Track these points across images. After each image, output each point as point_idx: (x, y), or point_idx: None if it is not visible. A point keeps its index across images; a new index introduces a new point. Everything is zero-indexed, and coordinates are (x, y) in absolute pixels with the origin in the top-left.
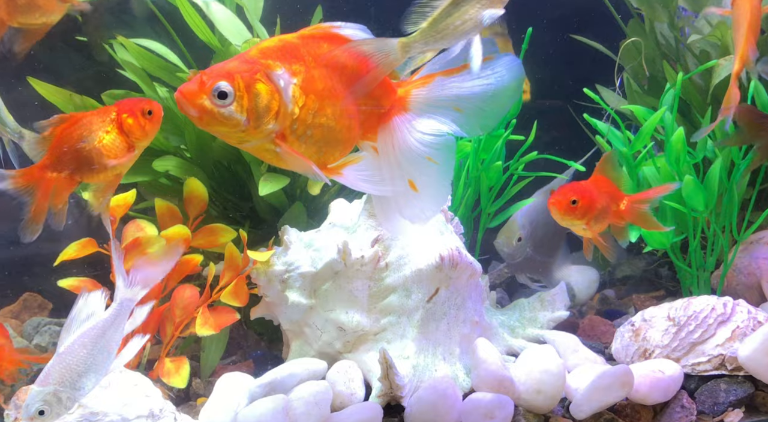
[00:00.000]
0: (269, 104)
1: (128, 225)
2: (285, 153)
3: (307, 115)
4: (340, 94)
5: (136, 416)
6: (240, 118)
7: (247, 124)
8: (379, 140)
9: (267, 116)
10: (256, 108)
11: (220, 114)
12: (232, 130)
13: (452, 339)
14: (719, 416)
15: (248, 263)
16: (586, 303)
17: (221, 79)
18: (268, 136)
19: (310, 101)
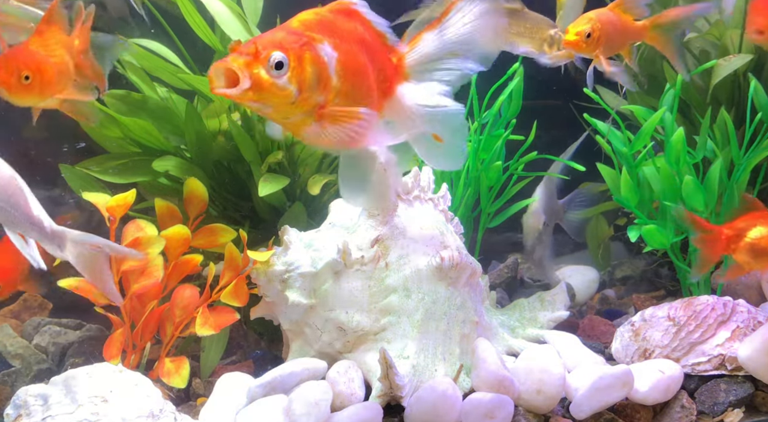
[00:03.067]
0: (319, 76)
1: (128, 225)
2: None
3: (345, 87)
4: (368, 68)
5: (136, 416)
6: (292, 90)
7: (297, 96)
8: (390, 111)
9: (317, 89)
10: (308, 80)
11: (275, 85)
12: (282, 102)
13: (452, 339)
14: (719, 416)
15: (248, 263)
16: (586, 303)
17: (277, 48)
18: (313, 108)
19: (348, 74)
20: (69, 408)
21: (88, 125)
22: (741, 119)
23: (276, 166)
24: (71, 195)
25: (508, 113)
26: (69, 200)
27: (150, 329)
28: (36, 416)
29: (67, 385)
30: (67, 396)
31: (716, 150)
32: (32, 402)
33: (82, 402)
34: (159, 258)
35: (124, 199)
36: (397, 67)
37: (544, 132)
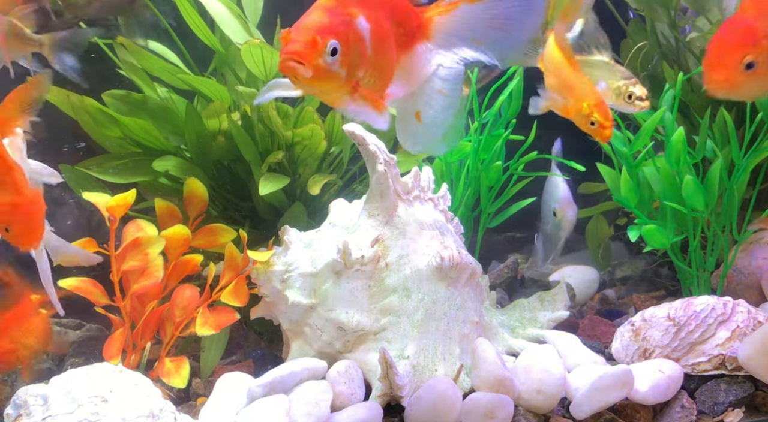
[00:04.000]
0: (361, 54)
1: (128, 225)
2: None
3: (377, 54)
4: (391, 33)
5: (136, 416)
6: (342, 73)
7: (345, 77)
8: (402, 65)
9: (359, 66)
10: (354, 61)
11: (332, 71)
12: (334, 85)
13: (452, 339)
14: (719, 416)
15: (248, 263)
16: (586, 303)
17: (332, 36)
18: (354, 83)
19: (379, 45)
20: (69, 408)
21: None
22: (741, 119)
23: (276, 165)
24: (71, 195)
25: (508, 113)
26: (69, 200)
27: (150, 329)
28: (36, 416)
29: (67, 385)
30: (67, 396)
31: (716, 150)
32: (32, 402)
33: (82, 402)
34: (159, 258)
35: (124, 199)
36: (424, 25)
37: (544, 132)
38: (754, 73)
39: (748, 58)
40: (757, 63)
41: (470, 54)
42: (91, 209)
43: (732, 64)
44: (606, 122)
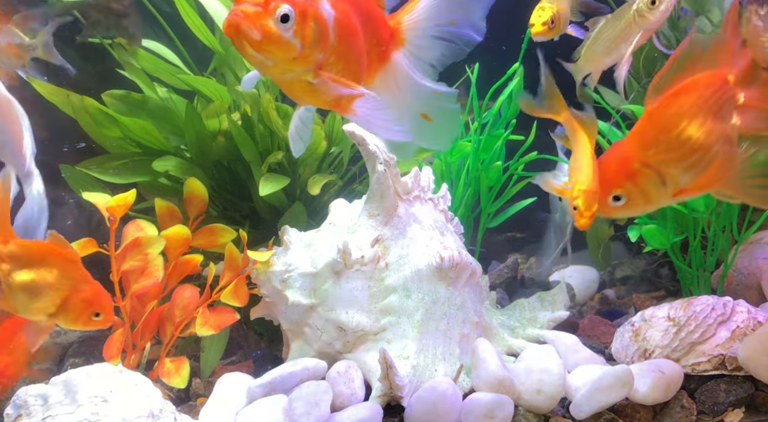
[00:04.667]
0: (321, 33)
1: (128, 225)
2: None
3: (342, 47)
4: (359, 31)
5: (136, 416)
6: (296, 44)
7: (300, 51)
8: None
9: (319, 45)
10: (311, 35)
11: (282, 37)
12: (286, 55)
13: (452, 339)
14: (719, 416)
15: (248, 263)
16: (586, 303)
17: (283, 1)
18: (313, 65)
19: (344, 34)
20: (69, 408)
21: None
22: None
23: (276, 166)
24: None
25: (508, 113)
26: (69, 200)
27: (150, 329)
28: (36, 416)
29: (67, 385)
30: (67, 396)
31: None
32: (32, 402)
33: (82, 402)
34: (159, 258)
35: (124, 199)
36: (395, 32)
37: (544, 132)
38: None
39: (614, 192)
40: (625, 196)
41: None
42: (91, 209)
43: (602, 196)
44: (585, 212)
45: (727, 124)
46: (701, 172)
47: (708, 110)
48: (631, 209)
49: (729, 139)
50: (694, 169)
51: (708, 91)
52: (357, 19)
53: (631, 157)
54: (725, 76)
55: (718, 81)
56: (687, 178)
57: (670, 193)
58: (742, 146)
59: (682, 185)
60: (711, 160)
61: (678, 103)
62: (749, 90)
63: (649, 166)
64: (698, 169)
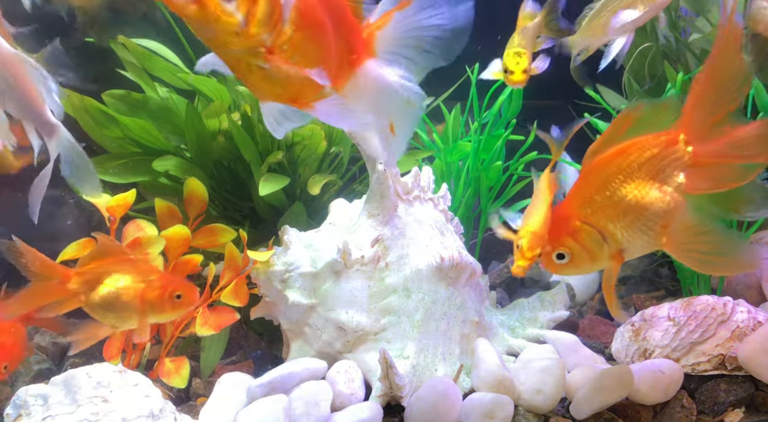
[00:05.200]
0: (270, 14)
1: (128, 225)
2: (274, 68)
3: (298, 38)
4: (326, 26)
5: (136, 416)
6: (239, 18)
7: (243, 27)
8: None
9: (265, 25)
10: (258, 12)
11: (221, 8)
12: (226, 29)
13: (452, 339)
14: (719, 416)
15: (248, 263)
16: (586, 303)
17: None
18: (258, 46)
19: (303, 26)
20: (69, 408)
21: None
22: None
23: (276, 165)
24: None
25: (508, 113)
26: (69, 200)
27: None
28: (36, 416)
29: (67, 385)
30: (67, 396)
31: None
32: (32, 402)
33: (82, 402)
34: (159, 258)
35: (124, 199)
36: (367, 42)
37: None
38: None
39: (558, 250)
40: (568, 254)
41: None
42: (91, 209)
43: (546, 255)
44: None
45: (670, 185)
46: (643, 231)
47: (646, 170)
48: (577, 267)
49: (672, 200)
50: (632, 228)
51: (648, 152)
52: (325, 18)
53: (572, 215)
54: (673, 137)
55: (662, 142)
56: (628, 237)
57: (614, 251)
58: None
59: (623, 244)
60: (652, 220)
61: (614, 163)
62: (702, 147)
63: (588, 223)
64: (637, 228)
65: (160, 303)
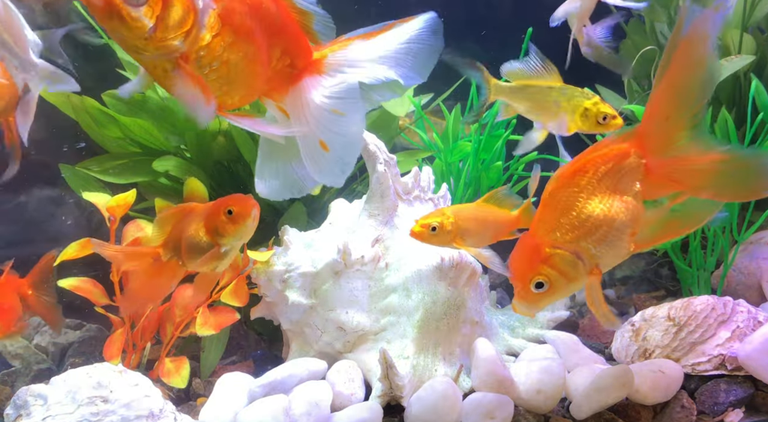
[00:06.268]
0: (182, 20)
1: (128, 225)
2: (182, 77)
3: (218, 46)
4: (257, 39)
5: (136, 416)
6: (147, 24)
7: (152, 33)
8: (290, 102)
9: (176, 31)
10: (167, 19)
11: (128, 12)
12: (134, 34)
13: (452, 339)
14: (719, 416)
15: (248, 263)
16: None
17: None
18: (170, 52)
19: (225, 33)
20: (69, 408)
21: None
22: (742, 119)
23: None
24: (71, 195)
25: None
26: (69, 200)
27: (150, 329)
28: (36, 416)
29: (67, 385)
30: (67, 396)
31: None
32: (32, 402)
33: (82, 402)
34: None
35: (124, 199)
36: (316, 61)
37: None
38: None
39: (536, 279)
40: (547, 281)
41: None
42: (91, 209)
43: (523, 288)
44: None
45: (629, 194)
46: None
47: (605, 185)
48: (556, 293)
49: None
50: (604, 241)
51: (603, 167)
52: (257, 27)
53: (541, 243)
54: (625, 151)
55: (614, 156)
56: (601, 250)
57: (590, 267)
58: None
59: (598, 259)
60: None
61: (573, 183)
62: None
63: (560, 247)
64: (609, 240)
65: (222, 226)
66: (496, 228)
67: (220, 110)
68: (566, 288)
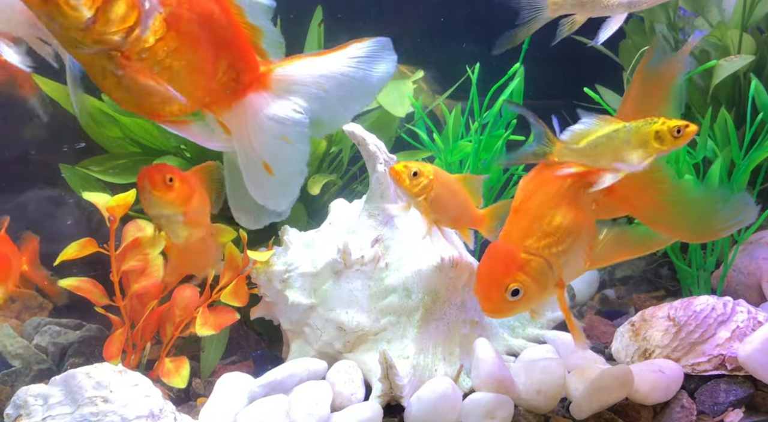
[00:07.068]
0: (124, 16)
1: (128, 225)
2: (127, 77)
3: (161, 50)
4: (203, 48)
5: (136, 416)
6: (85, 14)
7: (90, 24)
8: (233, 117)
9: (117, 26)
10: (108, 11)
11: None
12: (70, 23)
13: (452, 339)
14: (719, 416)
15: (248, 263)
16: (586, 303)
17: None
18: (109, 47)
19: (170, 38)
20: (69, 408)
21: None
22: (741, 119)
23: None
24: (71, 195)
25: (509, 113)
26: (69, 200)
27: (150, 329)
28: (36, 416)
29: (67, 385)
30: (67, 396)
31: (716, 150)
32: (32, 402)
33: (82, 402)
34: (159, 258)
35: (124, 199)
36: (263, 76)
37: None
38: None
39: (512, 286)
40: (522, 288)
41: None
42: (91, 209)
43: (498, 295)
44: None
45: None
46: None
47: (569, 198)
48: (529, 301)
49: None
50: (570, 252)
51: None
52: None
53: (516, 249)
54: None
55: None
56: (567, 262)
57: (557, 278)
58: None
59: (562, 270)
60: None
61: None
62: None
63: (534, 253)
64: (574, 252)
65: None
66: (461, 211)
67: (157, 117)
68: (538, 297)
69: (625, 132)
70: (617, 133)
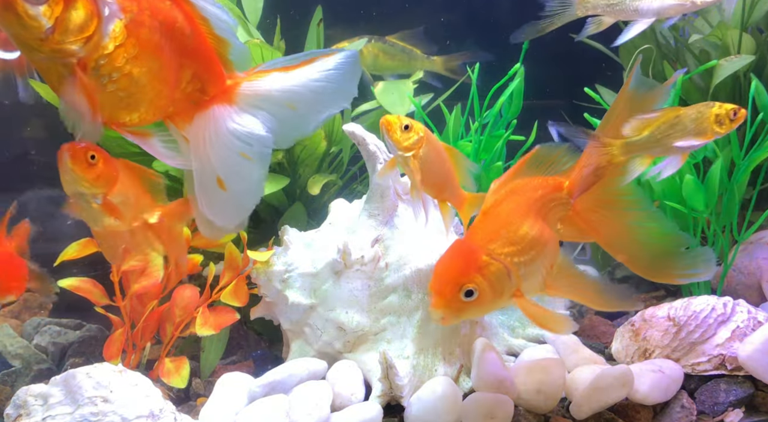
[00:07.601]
0: (84, 25)
1: None
2: (73, 83)
3: (120, 57)
4: (165, 55)
5: (136, 416)
6: (44, 24)
7: (49, 34)
8: (193, 129)
9: (75, 36)
10: (67, 21)
11: (24, 9)
12: (29, 32)
13: (452, 339)
14: (719, 416)
15: (248, 263)
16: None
17: None
18: (66, 56)
19: (129, 45)
20: (69, 408)
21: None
22: None
23: (276, 166)
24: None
25: (509, 113)
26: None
27: (150, 329)
28: (36, 416)
29: (67, 385)
30: (67, 396)
31: (717, 150)
32: (32, 402)
33: (82, 402)
34: (159, 258)
35: None
36: (228, 89)
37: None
38: (477, 299)
39: (467, 286)
40: (477, 290)
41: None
42: None
43: (451, 292)
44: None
45: (553, 227)
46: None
47: (536, 209)
48: (482, 306)
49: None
50: (532, 264)
51: (538, 192)
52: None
53: (478, 250)
54: (559, 183)
55: (548, 184)
56: (526, 274)
57: (515, 289)
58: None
59: (521, 282)
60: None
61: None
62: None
63: (495, 258)
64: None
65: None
66: (445, 180)
67: (117, 126)
68: (490, 304)
69: (686, 118)
70: (680, 119)
